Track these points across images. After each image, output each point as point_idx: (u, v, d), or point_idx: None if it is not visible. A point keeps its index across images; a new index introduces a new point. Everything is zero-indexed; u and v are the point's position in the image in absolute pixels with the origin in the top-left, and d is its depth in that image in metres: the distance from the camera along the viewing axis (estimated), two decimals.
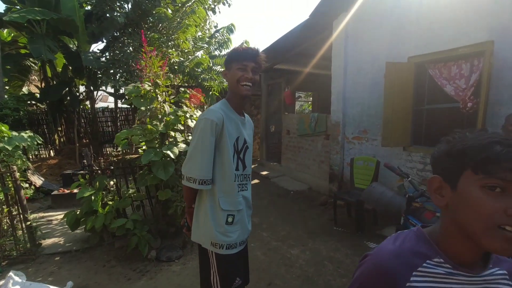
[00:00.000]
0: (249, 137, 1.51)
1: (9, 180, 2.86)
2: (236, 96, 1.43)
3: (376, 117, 4.36)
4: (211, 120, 1.31)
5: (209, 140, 1.31)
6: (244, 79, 1.36)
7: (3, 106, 6.03)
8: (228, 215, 1.40)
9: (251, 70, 1.38)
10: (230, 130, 1.38)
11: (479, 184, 0.54)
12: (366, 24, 4.47)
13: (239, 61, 1.36)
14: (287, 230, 3.95)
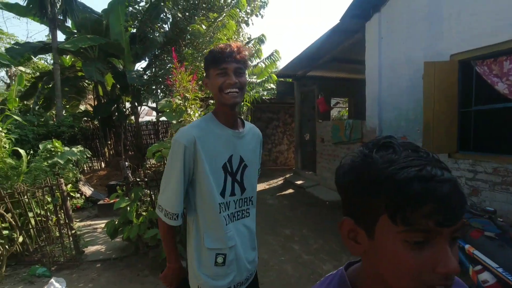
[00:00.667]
0: (250, 152, 1.26)
1: (57, 192, 3.16)
2: (223, 107, 1.17)
3: (416, 122, 4.03)
4: (179, 143, 1.10)
5: (177, 167, 1.10)
6: (226, 86, 1.11)
7: (60, 124, 6.75)
8: (217, 255, 1.15)
9: (233, 73, 1.12)
10: (214, 150, 1.14)
11: (399, 238, 0.42)
12: (401, 23, 4.21)
13: (217, 65, 1.12)
14: (319, 243, 3.79)
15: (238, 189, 1.21)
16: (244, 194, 1.24)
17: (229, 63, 1.10)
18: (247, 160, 1.24)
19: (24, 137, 5.69)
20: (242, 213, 1.24)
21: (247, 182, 1.24)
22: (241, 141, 1.22)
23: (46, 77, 8.78)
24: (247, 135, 1.26)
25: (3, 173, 3.31)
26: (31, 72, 12.85)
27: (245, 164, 1.23)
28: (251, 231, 1.29)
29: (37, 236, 3.33)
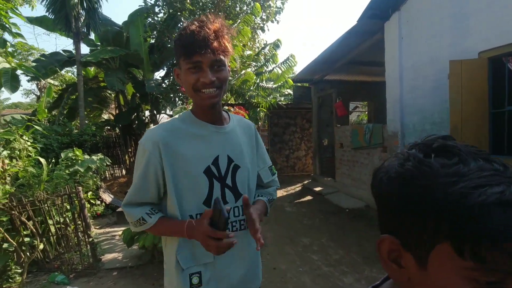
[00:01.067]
0: (240, 149, 1.03)
1: (76, 200, 3.21)
2: (199, 107, 0.98)
3: (442, 125, 3.79)
4: (143, 149, 0.94)
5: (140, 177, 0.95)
6: (201, 85, 0.90)
7: (83, 133, 6.98)
8: (191, 275, 0.95)
9: (210, 67, 0.89)
10: (191, 154, 0.94)
11: (465, 275, 0.32)
12: (422, 22, 4.01)
13: (188, 56, 0.88)
14: (340, 253, 3.61)
15: (230, 196, 1.00)
16: (238, 202, 1.01)
17: (204, 55, 0.86)
18: (237, 160, 1.01)
19: (49, 146, 5.91)
20: (239, 223, 1.01)
21: (241, 186, 1.02)
22: (228, 137, 1.01)
23: (71, 88, 9.18)
24: (235, 129, 1.05)
25: (25, 182, 3.42)
26: (59, 84, 13.51)
27: (236, 164, 1.01)
28: (251, 249, 1.03)
29: (57, 243, 3.38)
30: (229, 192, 1.00)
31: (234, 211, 1.00)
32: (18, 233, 3.09)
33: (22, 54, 16.62)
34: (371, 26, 4.91)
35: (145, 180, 0.94)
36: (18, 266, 3.04)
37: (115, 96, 10.61)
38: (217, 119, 1.01)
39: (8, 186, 3.59)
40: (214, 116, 1.00)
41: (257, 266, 1.10)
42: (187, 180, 0.95)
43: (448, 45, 3.61)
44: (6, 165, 3.81)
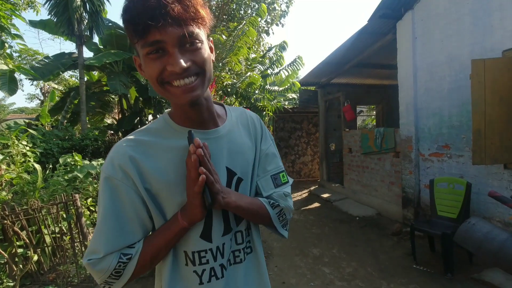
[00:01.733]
0: (243, 155, 0.78)
1: (72, 208, 3.02)
2: (177, 107, 0.72)
3: (461, 128, 3.57)
4: (105, 177, 0.66)
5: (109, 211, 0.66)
6: (169, 76, 0.61)
7: (84, 137, 6.83)
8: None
9: (178, 46, 0.60)
10: (173, 175, 0.69)
11: None
12: (439, 20, 3.81)
13: (141, 36, 0.59)
14: (353, 266, 3.36)
15: (233, 220, 0.76)
16: (242, 224, 0.78)
17: (164, 28, 0.57)
18: (241, 171, 0.77)
19: (49, 151, 5.76)
20: (242, 251, 0.78)
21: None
22: (224, 143, 0.75)
23: (74, 93, 9.07)
24: (233, 129, 0.79)
25: (19, 189, 3.24)
26: (63, 89, 13.49)
27: (239, 177, 0.76)
28: (260, 274, 0.82)
29: (52, 254, 3.19)
30: (232, 215, 0.76)
31: (237, 237, 0.77)
32: (10, 243, 2.90)
33: (27, 59, 16.71)
34: (382, 26, 4.73)
35: (118, 219, 0.66)
36: (10, 279, 2.85)
37: (118, 100, 10.51)
38: (206, 119, 0.74)
39: (4, 193, 3.42)
40: (200, 116, 0.72)
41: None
42: (174, 210, 0.70)
43: (468, 44, 3.40)
44: (2, 170, 3.64)
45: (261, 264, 0.83)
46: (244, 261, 0.78)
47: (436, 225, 3.23)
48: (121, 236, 0.66)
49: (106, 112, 11.16)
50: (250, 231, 0.81)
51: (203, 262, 0.71)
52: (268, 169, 0.83)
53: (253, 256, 0.81)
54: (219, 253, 0.73)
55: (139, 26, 0.57)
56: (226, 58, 5.80)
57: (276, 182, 0.83)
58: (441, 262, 3.09)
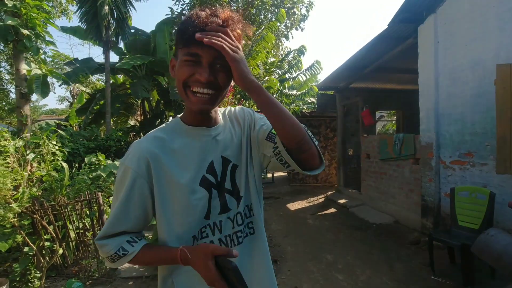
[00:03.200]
0: (235, 145, 0.88)
1: (95, 206, 3.19)
2: (189, 111, 0.83)
3: (485, 136, 3.43)
4: (126, 167, 0.76)
5: (119, 203, 0.77)
6: (194, 82, 0.74)
7: (108, 138, 7.15)
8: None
9: (209, 65, 0.73)
10: (182, 166, 0.79)
11: None
12: (462, 24, 3.70)
13: (186, 45, 0.72)
14: (367, 274, 3.31)
15: (232, 202, 0.85)
16: (241, 205, 0.87)
17: (204, 46, 0.69)
18: (234, 158, 0.87)
19: (76, 150, 6.08)
20: (242, 232, 0.86)
21: (241, 187, 0.87)
22: (219, 137, 0.86)
23: (99, 95, 9.53)
24: (226, 124, 0.90)
25: (48, 186, 3.46)
26: (91, 91, 14.18)
27: (234, 164, 0.86)
28: (262, 255, 0.88)
29: (76, 249, 3.37)
30: (230, 197, 0.85)
31: (237, 219, 0.86)
32: (39, 237, 3.11)
33: (59, 63, 17.72)
34: (402, 30, 4.64)
35: (129, 205, 0.77)
36: (37, 270, 3.04)
37: (140, 102, 10.91)
38: (209, 121, 0.86)
39: (35, 189, 3.67)
40: (206, 120, 0.85)
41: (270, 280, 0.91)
42: (182, 198, 0.78)
43: (493, 48, 3.28)
44: (34, 168, 3.90)
45: (262, 245, 0.89)
46: (242, 244, 0.85)
47: (456, 235, 3.12)
48: (125, 221, 0.77)
49: (129, 114, 11.60)
50: (252, 213, 0.89)
51: (203, 236, 0.81)
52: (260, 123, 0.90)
53: (255, 237, 0.88)
54: (216, 228, 0.82)
55: (187, 37, 0.71)
56: None
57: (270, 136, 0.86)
58: (460, 274, 2.98)
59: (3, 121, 13.95)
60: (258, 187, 0.91)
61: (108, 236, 0.78)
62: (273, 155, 0.82)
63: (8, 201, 3.03)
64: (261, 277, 0.88)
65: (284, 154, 0.78)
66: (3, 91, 14.14)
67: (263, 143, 0.85)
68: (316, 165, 0.80)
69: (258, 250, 0.88)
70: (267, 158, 0.86)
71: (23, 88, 4.57)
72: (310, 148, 0.77)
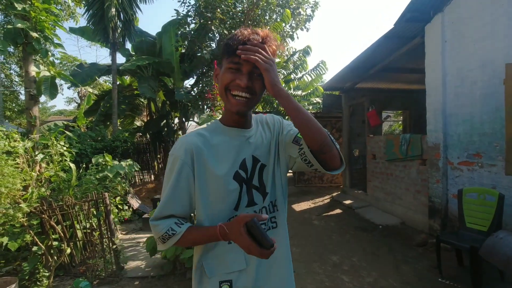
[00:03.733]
0: (264, 146, 0.99)
1: (101, 206, 3.22)
2: (227, 111, 0.95)
3: (494, 136, 3.38)
4: (175, 156, 0.89)
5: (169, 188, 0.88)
6: (234, 86, 0.87)
7: (115, 139, 7.23)
8: (221, 283, 0.91)
9: (248, 73, 0.86)
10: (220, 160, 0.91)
11: None
12: (471, 22, 3.64)
13: (230, 55, 0.86)
14: (373, 276, 3.28)
15: (258, 197, 0.96)
16: (266, 201, 0.98)
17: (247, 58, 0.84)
18: (263, 159, 0.98)
19: (83, 151, 6.17)
20: (267, 224, 0.97)
21: (268, 184, 0.98)
22: (252, 138, 0.98)
23: (107, 96, 9.63)
24: (258, 128, 1.03)
25: (56, 186, 3.52)
26: (98, 92, 14.34)
27: (262, 164, 0.98)
28: (282, 248, 0.98)
29: (83, 248, 3.41)
30: (256, 193, 0.96)
31: (264, 211, 0.97)
32: (47, 236, 3.15)
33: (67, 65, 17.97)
34: (409, 29, 4.59)
35: (177, 189, 0.89)
36: (46, 269, 3.09)
37: (147, 103, 11.00)
38: (245, 123, 0.98)
39: (43, 189, 3.73)
40: (242, 122, 0.97)
41: (288, 273, 1.02)
42: (217, 187, 0.90)
43: (503, 47, 3.22)
44: (42, 168, 3.97)
45: (283, 238, 1.00)
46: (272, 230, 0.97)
47: (464, 237, 3.07)
48: (175, 204, 0.89)
49: (135, 115, 11.70)
50: (276, 208, 1.00)
51: None
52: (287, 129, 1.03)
53: (277, 230, 0.99)
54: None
55: (232, 49, 0.85)
56: None
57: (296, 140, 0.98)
58: (469, 277, 2.93)
59: (13, 122, 14.20)
60: (283, 185, 1.02)
61: (159, 218, 0.89)
62: (298, 156, 0.92)
63: (18, 201, 3.09)
64: (280, 267, 0.98)
65: (308, 155, 0.88)
66: (13, 93, 14.41)
67: (289, 145, 0.97)
68: (337, 166, 0.90)
69: (279, 242, 0.94)
70: (292, 159, 0.98)
71: (32, 90, 4.65)
72: (331, 150, 0.87)
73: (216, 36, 9.37)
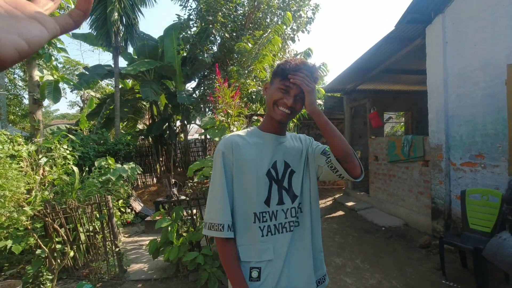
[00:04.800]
0: (295, 156, 1.15)
1: (104, 209, 3.24)
2: (270, 119, 1.13)
3: (497, 137, 3.37)
4: (217, 151, 1.08)
5: (217, 175, 1.05)
6: (282, 103, 1.06)
7: (117, 142, 7.25)
8: (251, 269, 1.04)
9: (294, 96, 1.06)
10: (256, 157, 1.07)
11: None
12: (472, 23, 3.65)
13: (284, 78, 1.06)
14: (377, 278, 3.26)
15: (287, 198, 1.10)
16: (295, 203, 1.11)
17: (296, 85, 1.04)
18: (293, 165, 1.13)
19: (86, 154, 6.19)
20: (293, 223, 1.09)
21: (296, 188, 1.12)
22: (285, 145, 1.15)
23: (109, 100, 9.68)
24: (289, 139, 1.19)
25: (59, 189, 3.53)
26: (100, 96, 14.45)
27: (292, 169, 1.13)
28: (304, 244, 1.10)
29: (86, 251, 3.42)
30: (285, 194, 1.09)
31: (291, 212, 1.09)
32: (50, 239, 3.17)
33: (70, 69, 18.10)
34: (410, 31, 4.60)
35: (224, 177, 1.04)
36: (49, 272, 3.10)
37: (149, 106, 11.04)
38: (281, 131, 1.15)
39: (47, 192, 3.75)
40: (279, 129, 1.14)
41: (315, 269, 1.13)
42: (251, 180, 1.04)
43: (504, 48, 3.22)
44: (46, 172, 3.99)
45: (306, 237, 1.10)
46: (292, 232, 1.08)
47: (468, 239, 3.05)
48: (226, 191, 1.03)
49: (138, 118, 11.74)
50: (300, 209, 1.12)
51: (263, 221, 1.05)
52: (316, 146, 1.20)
53: (300, 229, 1.11)
54: (273, 216, 1.06)
55: (285, 74, 1.05)
56: (251, 65, 5.92)
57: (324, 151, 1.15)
58: (473, 279, 2.91)
59: (17, 126, 14.30)
60: (312, 191, 1.15)
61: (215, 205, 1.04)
62: (325, 164, 1.08)
63: (22, 205, 3.10)
64: (300, 259, 1.09)
65: (334, 162, 1.05)
66: (16, 97, 14.53)
67: (318, 156, 1.13)
68: (358, 174, 1.06)
69: (301, 238, 1.10)
70: (320, 168, 1.13)
71: (36, 94, 4.69)
72: (354, 160, 1.04)
73: (217, 39, 9.41)
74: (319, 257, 1.17)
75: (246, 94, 5.93)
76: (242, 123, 3.65)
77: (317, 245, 1.15)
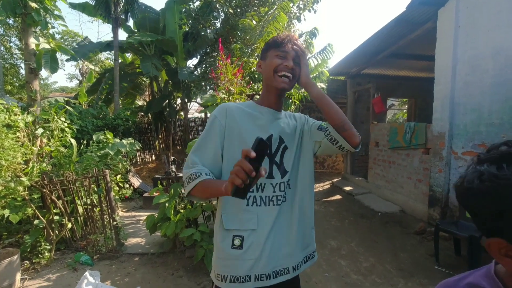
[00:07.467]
0: (290, 132, 1.15)
1: (102, 182, 3.22)
2: (269, 91, 1.14)
3: (502, 127, 3.31)
4: (211, 115, 1.10)
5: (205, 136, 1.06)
6: (283, 68, 1.07)
7: (116, 117, 7.17)
8: (234, 237, 1.04)
9: (292, 59, 1.10)
10: (249, 128, 1.07)
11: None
12: (486, 8, 3.49)
13: (279, 47, 1.10)
14: (371, 261, 3.32)
15: (277, 173, 1.10)
16: (285, 178, 1.11)
17: (291, 49, 1.10)
18: (287, 142, 1.14)
19: (85, 128, 6.13)
20: (280, 197, 1.10)
21: (287, 164, 1.13)
22: (281, 121, 1.16)
23: (108, 74, 9.48)
24: (284, 117, 1.20)
25: (57, 161, 3.50)
26: (100, 70, 14.13)
27: (285, 145, 1.14)
28: (291, 219, 1.12)
29: (84, 224, 3.45)
30: (276, 168, 1.10)
31: (280, 186, 1.09)
32: (48, 211, 3.17)
33: (68, 40, 17.63)
34: (421, 13, 4.42)
35: (207, 139, 1.06)
36: (47, 242, 3.13)
37: (149, 83, 10.84)
38: (277, 106, 1.16)
39: (44, 164, 3.72)
40: (276, 103, 1.15)
41: (302, 243, 1.15)
42: (243, 146, 1.03)
43: None
44: (43, 143, 3.95)
45: (293, 212, 1.12)
46: (279, 206, 1.09)
47: (463, 227, 3.07)
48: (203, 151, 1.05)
49: (137, 94, 11.57)
50: (288, 186, 1.12)
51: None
52: (313, 123, 1.22)
53: (287, 204, 1.11)
54: (260, 188, 1.07)
55: (281, 43, 1.09)
56: (255, 43, 5.74)
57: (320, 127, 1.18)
58: (466, 266, 2.96)
59: (14, 97, 14.10)
60: (303, 169, 1.16)
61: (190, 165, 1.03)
62: (324, 137, 1.12)
63: (19, 175, 3.08)
64: (285, 233, 1.10)
65: (334, 133, 1.09)
66: (14, 66, 14.22)
67: (315, 132, 1.16)
68: (356, 143, 1.10)
69: (287, 213, 1.12)
70: (317, 142, 1.16)
71: (32, 63, 4.55)
72: (351, 128, 1.08)
73: (220, 15, 9.09)
74: (310, 234, 1.19)
75: (249, 72, 5.79)
76: (244, 100, 3.57)
77: (306, 222, 1.16)
